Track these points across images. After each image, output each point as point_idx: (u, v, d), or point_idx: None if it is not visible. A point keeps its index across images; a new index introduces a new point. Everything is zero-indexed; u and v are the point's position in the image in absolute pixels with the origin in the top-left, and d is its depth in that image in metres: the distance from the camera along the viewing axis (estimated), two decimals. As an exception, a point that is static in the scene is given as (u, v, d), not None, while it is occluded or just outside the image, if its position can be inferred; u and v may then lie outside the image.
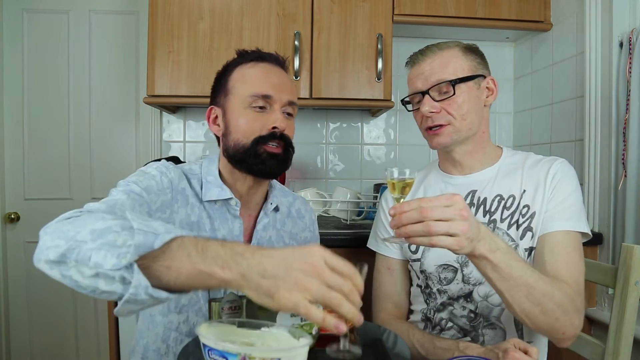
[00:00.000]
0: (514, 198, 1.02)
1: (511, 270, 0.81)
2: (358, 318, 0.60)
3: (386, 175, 0.81)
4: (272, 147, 0.97)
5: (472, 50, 1.06)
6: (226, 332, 0.61)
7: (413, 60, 1.07)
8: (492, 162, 1.08)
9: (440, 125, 1.02)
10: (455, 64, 1.02)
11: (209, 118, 1.05)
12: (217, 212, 1.00)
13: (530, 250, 1.00)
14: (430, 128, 1.03)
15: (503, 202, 1.03)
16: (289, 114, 1.01)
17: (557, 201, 0.99)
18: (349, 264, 0.62)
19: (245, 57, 1.03)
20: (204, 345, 0.58)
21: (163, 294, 0.60)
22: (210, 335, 0.58)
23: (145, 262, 0.60)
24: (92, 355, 2.32)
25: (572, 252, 0.96)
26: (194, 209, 0.98)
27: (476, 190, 1.07)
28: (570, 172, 1.02)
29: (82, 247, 0.63)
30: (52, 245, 0.65)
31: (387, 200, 1.19)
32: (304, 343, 0.57)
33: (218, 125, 1.03)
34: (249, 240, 1.04)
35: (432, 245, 0.73)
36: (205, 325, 0.60)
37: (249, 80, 0.99)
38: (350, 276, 0.61)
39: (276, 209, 1.09)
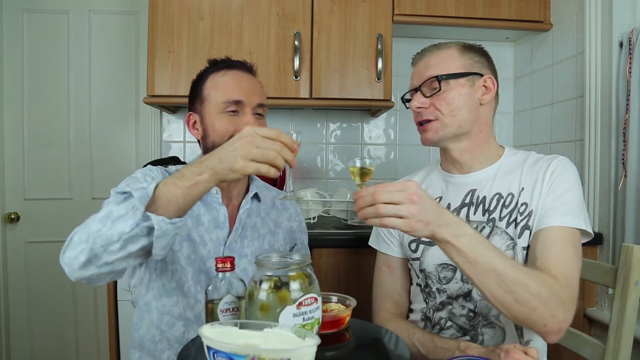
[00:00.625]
0: (513, 196, 1.02)
1: (477, 256, 0.83)
2: (294, 163, 0.82)
3: (349, 164, 0.88)
4: None
5: (472, 49, 1.07)
6: (228, 334, 0.61)
7: (414, 59, 1.11)
8: (492, 161, 1.08)
9: (429, 121, 1.04)
10: (449, 62, 1.03)
11: (188, 123, 1.14)
12: (202, 202, 1.09)
13: (528, 248, 1.00)
14: (420, 124, 1.06)
15: (502, 200, 1.03)
16: (260, 114, 1.10)
17: (553, 196, 0.98)
18: (276, 129, 0.82)
19: (216, 66, 1.12)
20: (209, 348, 0.57)
21: (177, 219, 0.80)
22: (214, 337, 0.58)
23: (150, 209, 0.78)
24: (92, 355, 2.32)
25: (566, 248, 0.94)
26: None
27: (475, 189, 1.07)
28: (570, 168, 1.01)
29: (100, 233, 0.78)
30: (76, 253, 0.79)
31: None
32: (313, 342, 0.57)
33: (197, 129, 1.12)
34: (233, 224, 1.11)
35: (383, 226, 0.80)
36: (207, 327, 0.60)
37: (222, 88, 1.08)
38: (277, 137, 0.80)
39: (257, 199, 1.17)
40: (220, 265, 0.78)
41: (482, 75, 1.05)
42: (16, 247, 2.26)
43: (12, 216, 2.24)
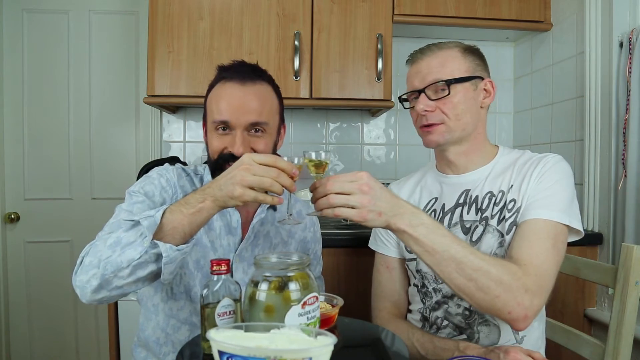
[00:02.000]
0: (503, 193, 1.02)
1: (434, 244, 0.84)
2: (293, 188, 0.83)
3: (305, 156, 0.88)
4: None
5: (472, 52, 1.06)
6: (237, 338, 0.58)
7: (413, 58, 1.08)
8: (487, 161, 1.09)
9: (434, 124, 1.03)
10: (453, 64, 1.02)
11: (203, 128, 1.12)
12: None
13: None
14: (424, 126, 1.05)
15: (494, 199, 1.03)
16: (258, 130, 1.02)
17: (538, 190, 0.97)
18: (273, 156, 0.83)
19: (218, 74, 1.07)
20: (222, 353, 0.55)
21: (183, 245, 0.84)
22: (227, 341, 0.55)
23: (158, 236, 0.82)
24: (92, 355, 2.32)
25: (543, 240, 0.92)
26: None
27: (469, 189, 1.07)
28: (560, 164, 1.00)
29: (110, 260, 0.82)
30: (88, 277, 0.83)
31: None
32: (331, 341, 0.56)
33: (206, 138, 1.11)
34: (246, 232, 1.09)
35: (336, 216, 0.81)
36: (214, 331, 0.58)
37: (213, 106, 1.03)
38: (274, 164, 0.81)
39: (273, 208, 1.14)
40: (215, 268, 0.77)
41: (482, 79, 1.06)
42: (16, 247, 2.27)
43: (12, 216, 2.24)
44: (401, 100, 1.11)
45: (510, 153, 1.09)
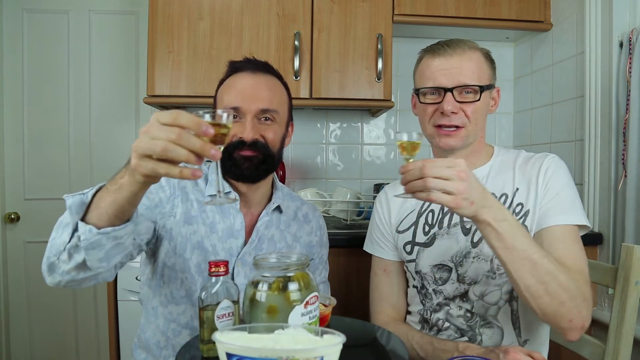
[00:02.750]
0: (507, 196, 1.03)
1: (515, 242, 0.83)
2: (209, 152, 0.62)
3: (397, 137, 0.86)
4: (245, 151, 1.01)
5: (491, 59, 1.08)
6: (244, 339, 0.57)
7: (438, 51, 1.03)
8: (484, 162, 1.09)
9: (457, 127, 1.01)
10: (482, 70, 1.03)
11: None
12: (219, 207, 1.06)
13: None
14: (441, 126, 1.02)
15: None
16: (268, 119, 1.03)
17: (550, 196, 0.99)
18: (177, 110, 0.63)
19: (230, 68, 1.08)
20: (231, 355, 0.54)
21: (109, 228, 0.73)
22: (235, 342, 0.55)
23: (88, 216, 0.74)
24: (92, 355, 2.32)
25: (574, 245, 0.95)
26: (194, 205, 1.04)
27: None
28: (562, 166, 1.03)
29: (53, 242, 0.78)
30: (44, 259, 0.80)
31: (382, 203, 1.19)
32: (341, 339, 0.56)
33: None
34: (250, 235, 1.07)
35: (430, 200, 0.79)
36: (219, 334, 0.58)
37: (224, 93, 1.05)
38: (173, 122, 0.62)
39: (279, 210, 1.12)
40: (214, 270, 0.75)
41: (494, 87, 1.08)
42: (16, 247, 2.27)
43: (12, 216, 2.24)
44: (417, 91, 1.07)
45: (506, 153, 1.10)
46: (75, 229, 0.74)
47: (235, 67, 1.06)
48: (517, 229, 0.84)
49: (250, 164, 1.00)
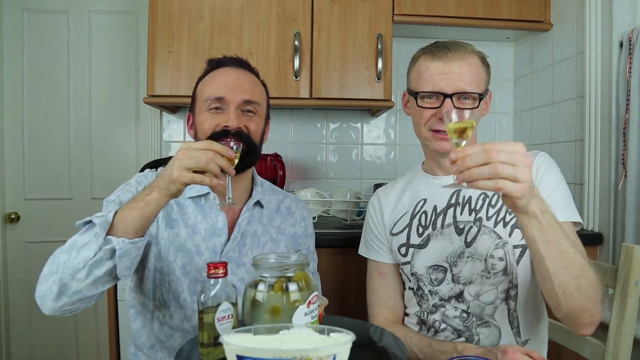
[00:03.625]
0: (499, 195, 1.01)
1: (556, 235, 0.80)
2: (230, 170, 0.88)
3: (445, 121, 0.79)
4: (229, 140, 1.01)
5: (487, 64, 1.06)
6: (250, 341, 0.57)
7: (438, 53, 1.00)
8: None
9: None
10: (480, 76, 1.02)
11: (187, 123, 1.14)
12: (200, 208, 1.08)
13: (522, 247, 0.99)
14: (439, 131, 1.00)
15: (488, 200, 1.03)
16: (250, 111, 1.06)
17: (545, 195, 0.95)
18: (208, 141, 0.89)
19: (209, 66, 1.12)
20: (242, 358, 0.54)
21: (137, 239, 0.86)
22: (248, 345, 0.55)
23: (111, 234, 0.84)
24: (92, 355, 2.32)
25: (576, 241, 0.94)
26: (174, 208, 1.07)
27: (460, 190, 1.06)
28: (553, 165, 1.03)
29: (67, 263, 0.84)
30: (49, 285, 0.85)
31: (374, 206, 1.17)
32: (351, 337, 0.56)
33: (192, 129, 1.12)
34: (232, 232, 1.08)
35: (498, 189, 0.72)
36: (226, 336, 0.57)
37: (207, 86, 1.07)
38: (209, 147, 0.85)
39: (260, 205, 1.13)
40: (213, 271, 0.75)
41: (489, 91, 1.07)
42: (16, 247, 2.26)
43: (12, 216, 2.24)
44: (414, 95, 1.03)
45: None
46: (101, 245, 0.83)
47: (216, 63, 1.10)
48: (555, 220, 0.81)
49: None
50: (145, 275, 1.05)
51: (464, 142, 0.79)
